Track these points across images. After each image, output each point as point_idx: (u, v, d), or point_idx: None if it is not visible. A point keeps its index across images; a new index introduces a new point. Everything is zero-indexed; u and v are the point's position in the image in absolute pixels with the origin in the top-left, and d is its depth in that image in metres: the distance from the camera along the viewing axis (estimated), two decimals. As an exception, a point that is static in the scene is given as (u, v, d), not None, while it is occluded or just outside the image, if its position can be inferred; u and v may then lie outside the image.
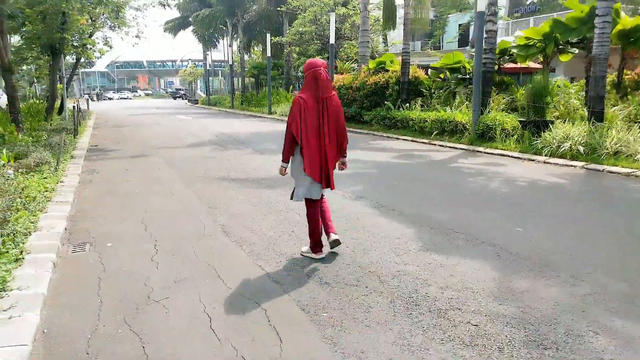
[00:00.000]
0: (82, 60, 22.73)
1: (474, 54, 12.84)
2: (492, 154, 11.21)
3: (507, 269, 4.18)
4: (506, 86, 14.49)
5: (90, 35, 21.93)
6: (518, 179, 8.15)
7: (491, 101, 13.37)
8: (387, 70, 17.46)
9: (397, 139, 14.49)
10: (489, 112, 12.83)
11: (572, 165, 9.33)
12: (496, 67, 14.26)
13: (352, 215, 5.96)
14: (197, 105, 44.19)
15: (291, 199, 4.49)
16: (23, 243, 4.75)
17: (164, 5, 17.02)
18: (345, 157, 4.56)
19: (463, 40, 37.87)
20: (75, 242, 5.14)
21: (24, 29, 15.54)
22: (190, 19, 40.61)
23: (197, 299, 3.67)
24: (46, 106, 16.82)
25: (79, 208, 6.56)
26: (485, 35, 12.63)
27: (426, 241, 4.94)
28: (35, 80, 36.47)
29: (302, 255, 4.56)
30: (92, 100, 58.45)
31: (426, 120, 14.22)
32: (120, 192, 7.46)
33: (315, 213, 4.42)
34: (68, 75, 22.02)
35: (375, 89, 17.18)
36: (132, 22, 24.10)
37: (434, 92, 16.36)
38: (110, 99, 68.07)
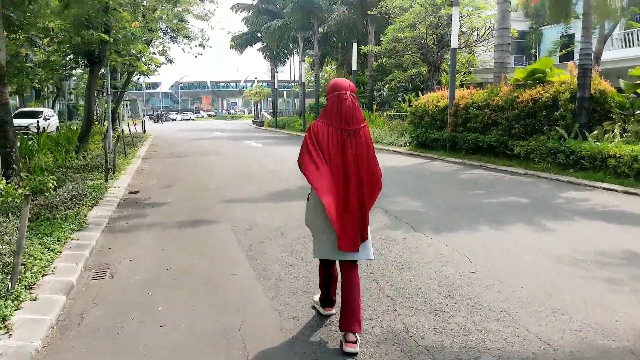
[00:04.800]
0: (136, 76, 18.78)
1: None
2: None
3: None
4: None
5: (148, 44, 18.00)
6: None
7: None
8: (548, 83, 12.06)
9: (594, 187, 9.05)
10: None
11: None
12: None
13: None
14: (262, 127, 40.16)
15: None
16: None
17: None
18: None
19: (566, 56, 30.70)
20: None
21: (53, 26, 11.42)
22: (259, 33, 36.83)
23: None
24: (80, 132, 12.55)
25: None
26: None
27: None
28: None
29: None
30: (154, 122, 56.30)
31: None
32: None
33: (328, 278, 3.43)
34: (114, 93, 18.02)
35: (534, 109, 11.80)
36: (197, 32, 20.25)
37: (633, 115, 10.76)
38: (172, 120, 66.32)
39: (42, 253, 4.81)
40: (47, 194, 7.11)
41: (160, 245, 5.61)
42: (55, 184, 7.52)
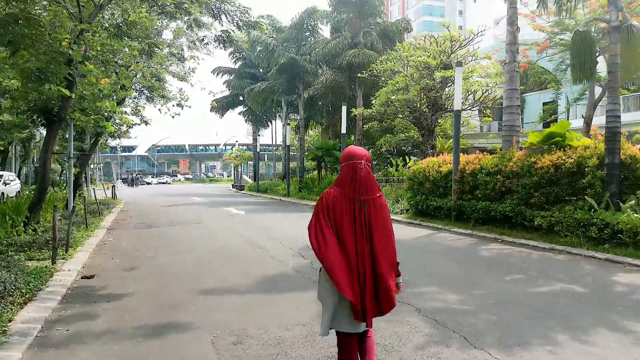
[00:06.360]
0: (105, 137, 17.21)
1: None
2: None
3: None
4: None
5: (120, 103, 16.57)
6: None
7: None
8: (569, 147, 10.89)
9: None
10: None
11: None
12: None
13: None
14: (243, 191, 38.54)
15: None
16: None
17: (223, 44, 11.27)
18: (399, 275, 3.15)
19: (548, 123, 30.76)
20: None
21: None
22: (241, 97, 36.08)
23: None
24: (31, 200, 10.65)
25: None
26: None
27: None
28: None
29: None
30: (128, 185, 54.26)
31: None
32: None
33: (349, 353, 3.03)
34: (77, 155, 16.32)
35: (556, 176, 10.51)
36: (175, 91, 19.03)
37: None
38: (148, 183, 64.16)
39: None
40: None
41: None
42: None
